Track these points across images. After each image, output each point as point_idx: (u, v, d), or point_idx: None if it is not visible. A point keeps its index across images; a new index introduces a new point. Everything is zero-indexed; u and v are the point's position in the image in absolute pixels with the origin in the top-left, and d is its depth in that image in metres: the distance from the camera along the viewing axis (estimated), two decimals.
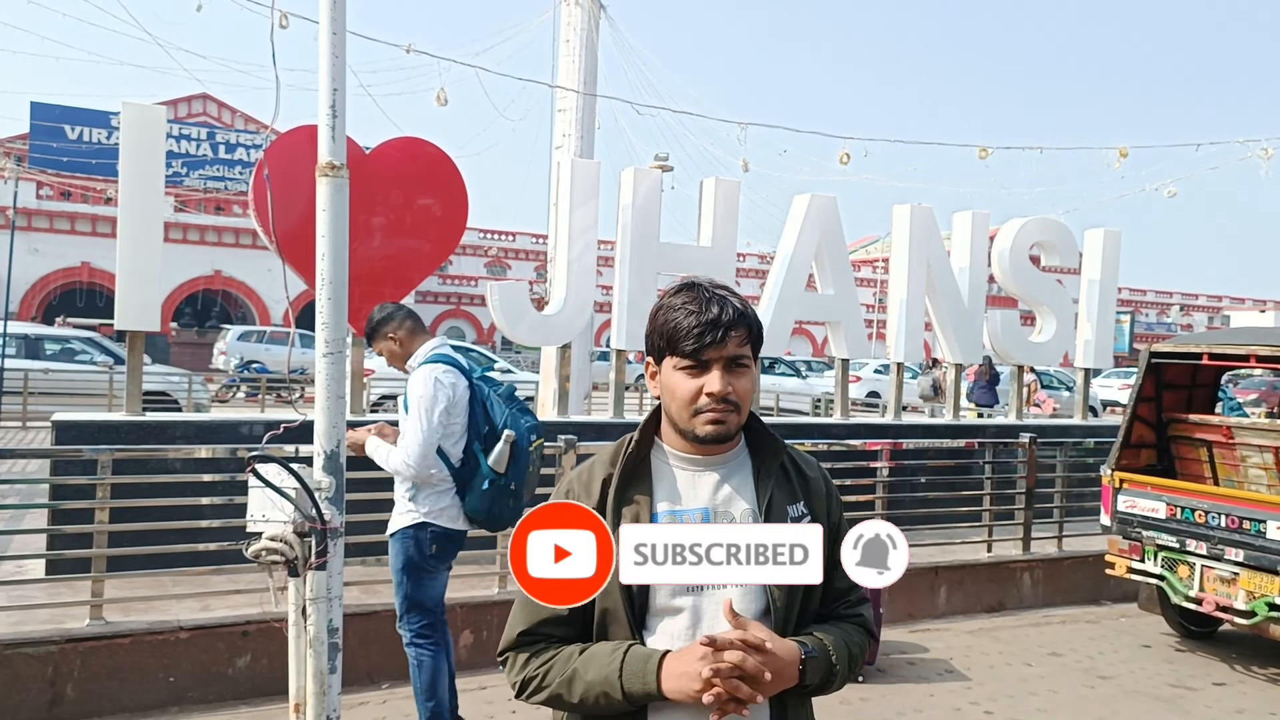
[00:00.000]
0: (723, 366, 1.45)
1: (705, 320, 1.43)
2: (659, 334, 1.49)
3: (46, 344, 14.52)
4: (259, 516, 2.74)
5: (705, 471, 1.53)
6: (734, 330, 1.45)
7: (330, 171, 2.67)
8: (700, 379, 1.45)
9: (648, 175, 7.21)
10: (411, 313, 3.80)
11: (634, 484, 1.51)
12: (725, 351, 1.44)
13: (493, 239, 44.14)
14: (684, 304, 1.47)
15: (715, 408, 1.45)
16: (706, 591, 1.46)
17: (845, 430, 7.51)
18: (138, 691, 4.23)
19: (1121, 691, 5.02)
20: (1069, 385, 20.54)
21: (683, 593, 1.46)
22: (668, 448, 1.55)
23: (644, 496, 1.50)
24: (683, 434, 1.50)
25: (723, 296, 1.48)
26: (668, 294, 1.52)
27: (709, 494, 1.51)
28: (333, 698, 2.75)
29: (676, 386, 1.47)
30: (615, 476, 1.51)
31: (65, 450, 4.94)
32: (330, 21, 2.66)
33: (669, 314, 1.48)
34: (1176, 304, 56.43)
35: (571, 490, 1.55)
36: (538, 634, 1.51)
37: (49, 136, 31.27)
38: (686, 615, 1.46)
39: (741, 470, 1.55)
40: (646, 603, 1.47)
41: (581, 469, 1.59)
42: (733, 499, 1.52)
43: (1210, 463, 5.92)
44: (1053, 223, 9.02)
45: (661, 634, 1.47)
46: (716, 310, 1.45)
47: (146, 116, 5.52)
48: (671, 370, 1.48)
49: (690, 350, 1.44)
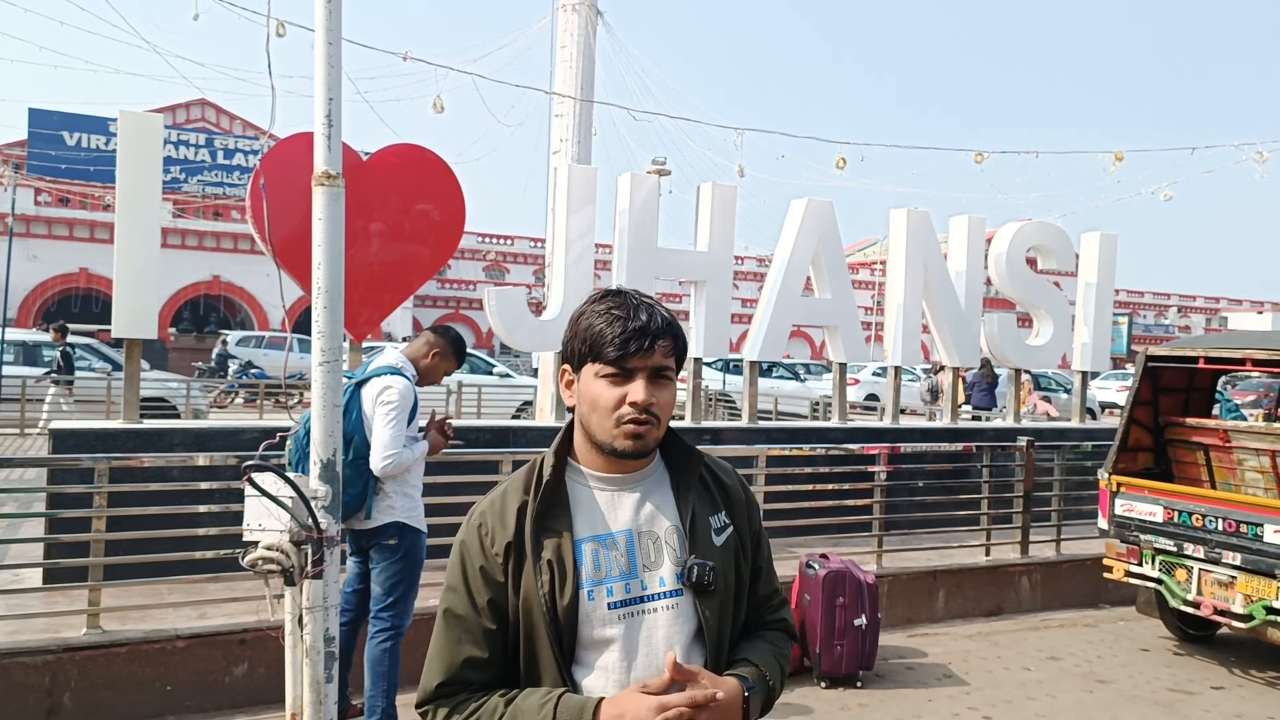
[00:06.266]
0: (647, 376, 1.38)
1: (633, 328, 1.37)
2: (580, 339, 1.41)
3: (44, 351, 14.52)
4: (256, 525, 2.74)
5: (624, 491, 1.45)
6: (661, 339, 1.38)
7: (326, 181, 2.67)
8: (623, 388, 1.38)
9: (645, 180, 7.22)
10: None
11: (552, 511, 1.42)
12: (651, 361, 1.38)
13: (491, 243, 44.21)
14: (610, 309, 1.39)
15: (637, 418, 1.37)
16: (637, 617, 1.40)
17: (843, 434, 7.52)
18: (135, 700, 4.22)
19: (1120, 696, 5.02)
20: (1066, 388, 20.53)
21: (613, 622, 1.39)
22: (584, 469, 1.46)
23: (565, 526, 1.41)
24: (599, 447, 1.41)
25: (650, 304, 1.41)
26: (591, 300, 1.44)
27: (630, 515, 1.44)
28: (329, 706, 2.74)
29: (598, 395, 1.39)
30: (531, 505, 1.42)
31: (63, 459, 4.93)
32: (326, 31, 2.67)
33: (593, 319, 1.40)
34: (1174, 305, 56.49)
35: (484, 524, 1.45)
36: (458, 681, 1.40)
37: (47, 143, 31.32)
38: (618, 646, 1.39)
39: (661, 486, 1.48)
40: (575, 636, 1.39)
41: (493, 498, 1.48)
42: (655, 517, 1.45)
43: (1207, 466, 5.92)
44: (1049, 226, 9.04)
45: (595, 669, 1.39)
46: (645, 318, 1.38)
47: (144, 125, 5.53)
48: (592, 378, 1.40)
49: (614, 357, 1.36)
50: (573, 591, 1.38)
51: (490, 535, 1.43)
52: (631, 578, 1.41)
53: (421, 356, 4.02)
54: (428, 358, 4.03)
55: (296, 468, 3.65)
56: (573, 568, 1.39)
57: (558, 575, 1.38)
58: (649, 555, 1.43)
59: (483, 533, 1.44)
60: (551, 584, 1.38)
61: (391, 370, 3.83)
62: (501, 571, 1.41)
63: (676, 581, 1.42)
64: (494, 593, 1.41)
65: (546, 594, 1.37)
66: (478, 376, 16.71)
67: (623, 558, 1.42)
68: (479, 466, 5.33)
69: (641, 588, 1.41)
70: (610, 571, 1.41)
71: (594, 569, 1.40)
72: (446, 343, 4.07)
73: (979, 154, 12.54)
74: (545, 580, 1.38)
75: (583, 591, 1.38)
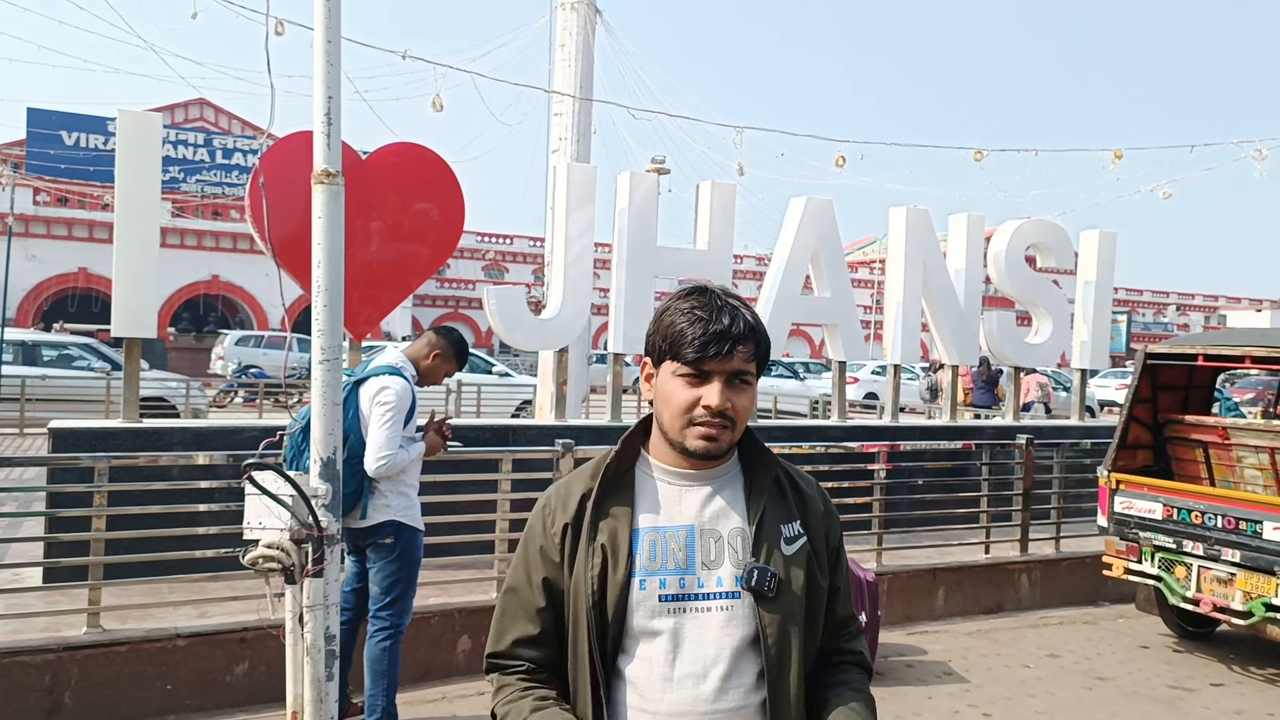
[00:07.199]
0: (724, 380, 1.36)
1: (714, 330, 1.35)
2: (662, 335, 1.40)
3: (44, 350, 14.51)
4: (256, 524, 2.74)
5: (693, 487, 1.44)
6: (741, 345, 1.36)
7: (326, 179, 2.67)
8: (699, 389, 1.37)
9: (644, 179, 7.21)
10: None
11: (614, 498, 1.43)
12: (729, 365, 1.36)
13: (490, 242, 44.21)
14: (693, 308, 1.38)
15: (710, 422, 1.36)
16: (688, 614, 1.38)
17: (843, 432, 7.52)
18: (135, 699, 4.23)
19: (1120, 693, 5.03)
20: (1065, 385, 20.54)
21: (662, 614, 1.38)
22: (654, 460, 1.46)
23: (624, 510, 1.41)
24: (671, 445, 1.41)
25: (735, 307, 1.39)
26: (676, 296, 1.43)
27: (695, 510, 1.43)
28: (330, 704, 2.75)
29: (673, 394, 1.38)
30: (595, 490, 1.43)
31: (62, 458, 4.93)
32: (325, 30, 2.67)
33: (675, 316, 1.39)
34: (1173, 304, 56.52)
35: (549, 505, 1.48)
36: (507, 655, 1.46)
37: (46, 143, 31.32)
38: (665, 639, 1.38)
39: (732, 485, 1.46)
40: (622, 623, 1.38)
41: (561, 483, 1.51)
42: (721, 516, 1.43)
43: (1206, 463, 5.93)
44: (1048, 224, 9.03)
45: (640, 659, 1.39)
46: (727, 321, 1.36)
47: (143, 124, 5.52)
48: (670, 376, 1.39)
49: (692, 359, 1.35)
50: (624, 578, 1.37)
51: (552, 516, 1.46)
52: (687, 573, 1.39)
53: (422, 357, 4.02)
54: (429, 358, 4.02)
55: (292, 465, 3.65)
56: (626, 554, 1.39)
57: (610, 560, 1.39)
58: (709, 553, 1.41)
59: (545, 514, 1.47)
60: (603, 567, 1.38)
61: (390, 370, 3.83)
62: (558, 551, 1.44)
63: (736, 584, 1.39)
64: (549, 572, 1.44)
65: (596, 576, 1.38)
66: (477, 376, 16.72)
67: (680, 552, 1.40)
68: (478, 465, 5.33)
69: (697, 584, 1.39)
70: (666, 564, 1.39)
71: (649, 559, 1.39)
72: (448, 344, 4.07)
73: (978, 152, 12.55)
74: (596, 563, 1.39)
75: (634, 580, 1.38)
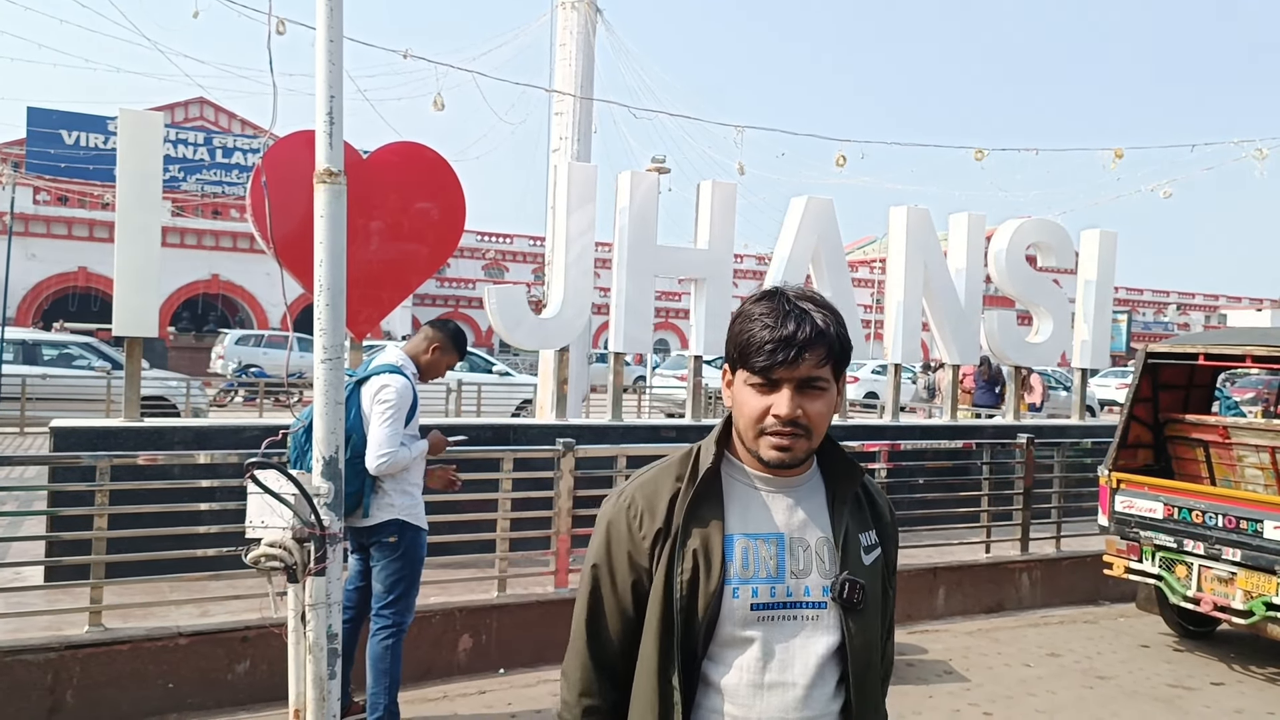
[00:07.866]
0: (794, 388, 1.33)
1: (779, 337, 1.32)
2: (734, 343, 1.38)
3: (44, 349, 14.52)
4: (258, 522, 2.75)
5: (778, 494, 1.42)
6: (809, 351, 1.32)
7: (328, 178, 2.68)
8: (769, 398, 1.34)
9: (645, 178, 7.21)
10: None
11: (705, 501, 1.40)
12: (797, 373, 1.33)
13: (491, 241, 44.19)
14: (761, 315, 1.35)
15: (781, 430, 1.34)
16: (779, 622, 1.37)
17: (843, 432, 7.52)
18: (137, 698, 4.23)
19: (1120, 692, 5.03)
20: (1065, 385, 20.55)
21: (753, 623, 1.36)
22: (739, 463, 1.44)
23: (717, 518, 1.39)
24: (750, 452, 1.41)
25: (803, 311, 1.35)
26: (751, 298, 1.40)
27: (783, 519, 1.41)
28: (332, 703, 2.75)
29: (745, 402, 1.37)
30: (685, 492, 1.40)
31: (63, 457, 4.93)
32: (327, 29, 2.67)
33: (745, 323, 1.36)
34: (1173, 303, 56.49)
35: (634, 505, 1.43)
36: (593, 662, 1.45)
37: (46, 142, 31.32)
38: (757, 647, 1.36)
39: (815, 495, 1.44)
40: (712, 633, 1.36)
41: (645, 479, 1.46)
42: (807, 526, 1.41)
43: (1207, 463, 5.93)
44: (1049, 224, 9.03)
45: (732, 667, 1.37)
46: (793, 327, 1.32)
47: (143, 123, 5.52)
48: (742, 384, 1.37)
49: (760, 367, 1.33)
50: (718, 585, 1.35)
51: (639, 518, 1.42)
52: (779, 581, 1.38)
53: (421, 353, 4.02)
54: (428, 353, 4.02)
55: (295, 465, 3.66)
56: (720, 561, 1.36)
57: (704, 566, 1.36)
58: (798, 562, 1.40)
59: (631, 514, 1.43)
60: (695, 574, 1.36)
61: (391, 369, 3.83)
62: (648, 557, 1.40)
63: (823, 594, 1.39)
64: (638, 576, 1.41)
65: (686, 582, 1.35)
66: (477, 375, 16.75)
67: (772, 560, 1.39)
68: (479, 464, 5.33)
69: (787, 594, 1.38)
70: (758, 572, 1.38)
71: (743, 566, 1.37)
72: (445, 336, 4.07)
73: (979, 151, 12.55)
74: (687, 568, 1.36)
75: (728, 587, 1.36)
